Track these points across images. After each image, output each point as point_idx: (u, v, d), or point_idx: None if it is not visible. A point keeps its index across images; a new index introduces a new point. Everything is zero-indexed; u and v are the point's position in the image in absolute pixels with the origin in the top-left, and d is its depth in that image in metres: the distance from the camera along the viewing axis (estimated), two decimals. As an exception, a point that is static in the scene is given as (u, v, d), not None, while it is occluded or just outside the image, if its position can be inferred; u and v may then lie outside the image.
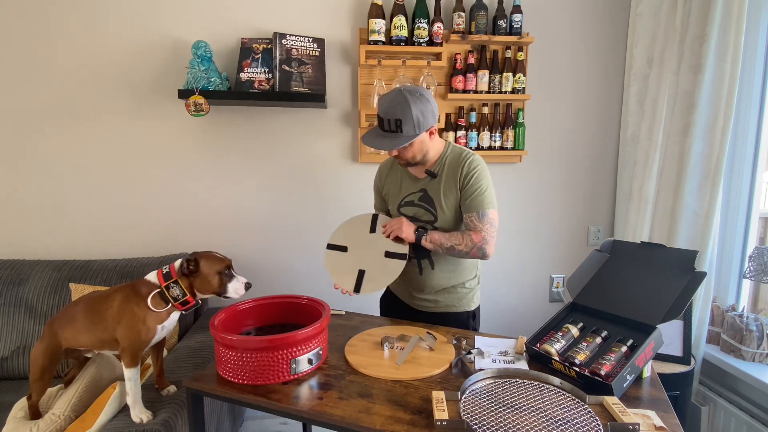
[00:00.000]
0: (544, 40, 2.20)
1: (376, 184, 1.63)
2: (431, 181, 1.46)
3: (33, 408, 1.37)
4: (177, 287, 1.27)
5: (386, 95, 1.34)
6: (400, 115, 1.29)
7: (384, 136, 1.34)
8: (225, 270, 1.31)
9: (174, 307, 1.28)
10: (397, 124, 1.29)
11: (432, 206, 1.45)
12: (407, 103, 1.29)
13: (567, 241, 2.38)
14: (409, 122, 1.29)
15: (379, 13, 1.98)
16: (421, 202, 1.47)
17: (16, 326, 1.82)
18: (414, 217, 1.49)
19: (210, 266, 1.29)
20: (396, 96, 1.31)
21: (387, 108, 1.31)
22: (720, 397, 1.84)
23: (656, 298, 1.17)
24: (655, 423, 0.94)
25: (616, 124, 2.31)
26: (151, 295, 1.26)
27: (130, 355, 1.25)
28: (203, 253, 1.32)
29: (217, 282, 1.30)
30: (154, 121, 2.07)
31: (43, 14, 1.95)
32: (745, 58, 1.82)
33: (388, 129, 1.32)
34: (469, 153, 1.44)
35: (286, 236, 2.22)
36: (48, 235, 2.08)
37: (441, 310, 1.54)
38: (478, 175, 1.40)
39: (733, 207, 1.93)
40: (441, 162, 1.45)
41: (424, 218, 1.48)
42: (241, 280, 1.33)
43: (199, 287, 1.30)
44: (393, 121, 1.30)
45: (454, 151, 1.46)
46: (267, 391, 1.09)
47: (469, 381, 1.09)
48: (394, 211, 1.56)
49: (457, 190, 1.42)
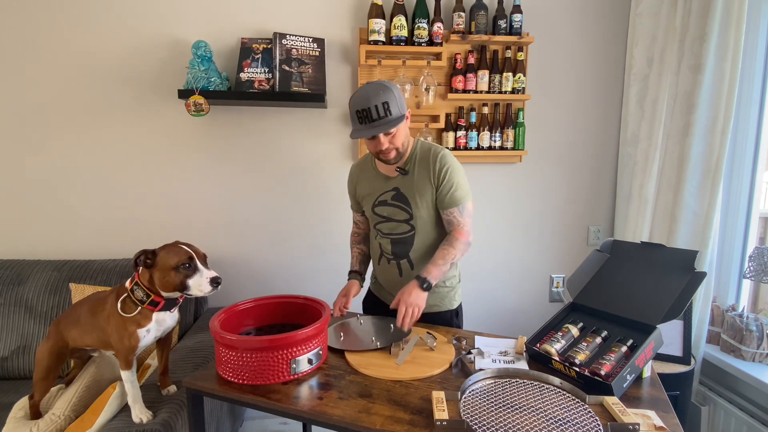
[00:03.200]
0: (544, 40, 2.20)
1: (349, 187, 1.62)
2: (403, 179, 1.44)
3: (34, 408, 1.37)
4: (139, 289, 1.20)
5: (358, 92, 1.32)
6: (385, 98, 1.28)
7: (376, 124, 1.30)
8: (184, 263, 1.17)
9: (146, 309, 1.21)
10: (385, 106, 1.28)
11: (407, 204, 1.45)
12: (386, 87, 1.30)
13: (567, 241, 2.38)
14: (394, 103, 1.30)
15: (379, 13, 1.98)
16: (394, 201, 1.46)
17: (16, 326, 1.82)
18: (388, 217, 1.48)
19: (168, 259, 1.16)
20: (370, 85, 1.32)
21: (370, 96, 1.29)
22: (720, 397, 1.84)
23: (656, 298, 1.17)
24: (655, 423, 0.94)
25: (616, 124, 2.31)
26: (120, 300, 1.21)
27: (121, 358, 1.25)
28: (168, 244, 1.21)
29: (176, 276, 1.16)
30: (154, 121, 2.07)
31: (43, 14, 1.95)
32: (745, 58, 1.82)
33: (376, 117, 1.29)
34: (438, 148, 1.44)
35: (286, 236, 2.22)
36: (48, 235, 2.08)
37: (424, 310, 1.53)
38: (451, 170, 1.40)
39: (733, 207, 1.93)
40: (412, 158, 1.44)
41: (399, 217, 1.46)
42: (206, 274, 1.18)
43: (159, 284, 1.19)
44: (380, 105, 1.28)
45: (423, 146, 1.46)
46: (267, 391, 1.09)
47: (469, 381, 1.09)
48: (369, 212, 1.54)
49: (432, 186, 1.41)
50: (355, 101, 1.32)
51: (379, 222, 1.51)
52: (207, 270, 1.20)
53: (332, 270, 2.25)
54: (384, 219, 1.49)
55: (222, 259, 2.18)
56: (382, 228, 1.51)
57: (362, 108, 1.30)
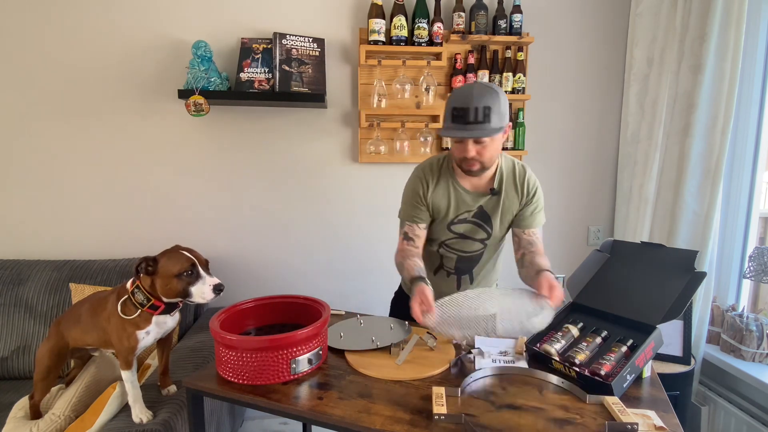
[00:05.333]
0: (544, 40, 2.20)
1: (419, 193, 1.38)
2: (492, 199, 1.37)
3: (34, 407, 1.37)
4: (140, 293, 1.19)
5: (463, 87, 1.22)
6: (489, 102, 1.17)
7: (470, 128, 1.18)
8: (187, 271, 1.17)
9: (146, 312, 1.21)
10: (486, 112, 1.16)
11: (488, 223, 1.38)
12: (496, 92, 1.19)
13: (567, 241, 2.38)
14: (496, 112, 1.18)
15: (379, 13, 1.98)
16: (475, 219, 1.37)
17: (16, 326, 1.82)
18: (464, 234, 1.40)
19: (170, 266, 1.16)
20: (480, 85, 1.20)
21: (475, 96, 1.17)
22: (720, 397, 1.84)
23: (656, 298, 1.17)
24: (655, 423, 0.94)
25: (616, 124, 2.31)
26: (120, 302, 1.21)
27: (121, 358, 1.25)
28: (169, 250, 1.20)
29: (178, 284, 1.17)
30: (154, 121, 2.07)
31: (43, 14, 1.95)
32: (745, 58, 1.82)
33: (474, 120, 1.17)
34: (525, 167, 1.40)
35: (286, 236, 2.22)
36: (48, 235, 2.08)
37: None
38: (539, 191, 1.39)
39: (733, 207, 1.93)
40: (499, 176, 1.35)
41: (477, 236, 1.40)
42: (209, 282, 1.18)
43: (161, 290, 1.18)
44: (482, 108, 1.16)
45: (507, 163, 1.38)
46: (267, 391, 1.09)
47: (470, 378, 1.09)
48: (442, 227, 1.41)
49: (519, 206, 1.38)
50: (455, 97, 1.22)
51: (452, 239, 1.42)
52: (210, 277, 1.20)
53: (332, 270, 2.25)
54: (458, 236, 1.41)
55: (222, 259, 2.18)
56: (452, 244, 1.42)
57: (461, 106, 1.19)
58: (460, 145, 1.24)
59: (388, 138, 2.14)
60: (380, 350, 1.26)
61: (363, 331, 1.38)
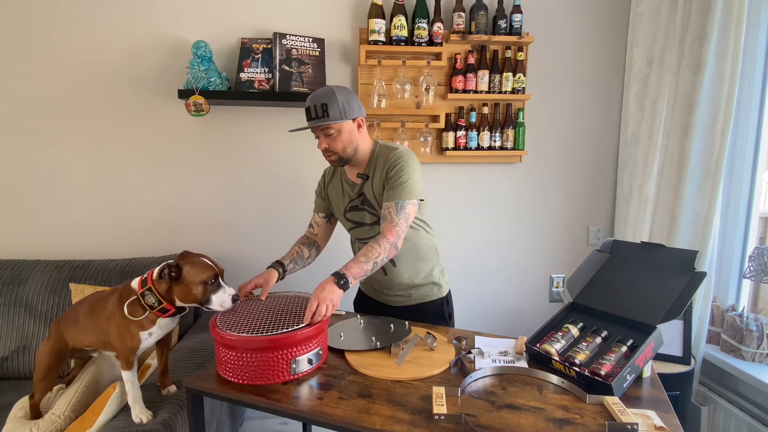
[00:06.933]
0: (544, 40, 2.20)
1: (319, 188, 1.63)
2: (366, 183, 1.46)
3: (35, 407, 1.37)
4: (151, 295, 1.19)
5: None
6: (325, 100, 1.34)
7: (311, 122, 1.37)
8: (211, 280, 1.20)
9: (153, 314, 1.21)
10: (323, 108, 1.33)
11: (370, 207, 1.46)
12: (332, 92, 1.35)
13: (567, 241, 2.38)
14: (334, 107, 1.34)
15: (379, 13, 1.98)
16: (363, 206, 1.48)
17: (16, 326, 1.82)
18: (359, 221, 1.50)
19: (194, 274, 1.18)
20: (323, 88, 1.38)
21: (314, 96, 1.36)
22: (720, 397, 1.84)
23: (656, 298, 1.17)
24: (655, 423, 0.94)
25: (616, 124, 2.31)
26: (127, 303, 1.21)
27: (122, 358, 1.25)
28: (191, 257, 1.22)
29: (201, 292, 1.19)
30: (154, 121, 2.07)
31: (43, 14, 1.95)
32: (745, 58, 1.82)
33: (315, 116, 1.35)
34: (396, 147, 1.43)
35: (286, 236, 2.21)
36: (48, 235, 2.08)
37: (414, 302, 1.56)
38: (401, 166, 1.37)
39: (733, 207, 1.93)
40: (372, 162, 1.45)
41: (368, 221, 1.49)
42: (228, 291, 1.22)
43: (179, 295, 1.19)
44: (319, 105, 1.33)
45: (382, 149, 1.45)
46: (267, 391, 1.09)
47: (470, 378, 1.09)
48: (341, 217, 1.57)
49: (383, 183, 1.41)
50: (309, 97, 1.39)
51: (352, 228, 1.54)
52: (228, 287, 1.24)
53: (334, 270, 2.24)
54: (356, 224, 1.52)
55: (222, 259, 2.18)
56: (356, 234, 1.54)
57: (306, 106, 1.38)
58: (318, 140, 1.41)
59: (388, 138, 2.14)
60: (380, 350, 1.26)
61: (363, 331, 1.38)
